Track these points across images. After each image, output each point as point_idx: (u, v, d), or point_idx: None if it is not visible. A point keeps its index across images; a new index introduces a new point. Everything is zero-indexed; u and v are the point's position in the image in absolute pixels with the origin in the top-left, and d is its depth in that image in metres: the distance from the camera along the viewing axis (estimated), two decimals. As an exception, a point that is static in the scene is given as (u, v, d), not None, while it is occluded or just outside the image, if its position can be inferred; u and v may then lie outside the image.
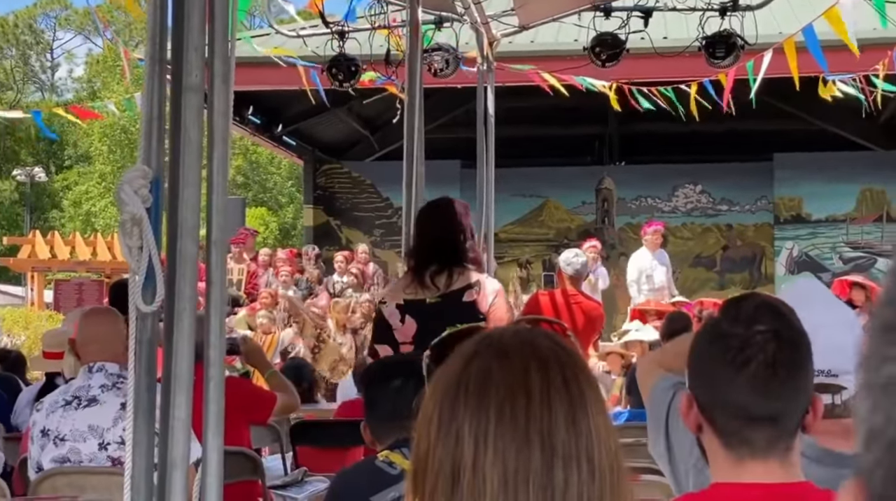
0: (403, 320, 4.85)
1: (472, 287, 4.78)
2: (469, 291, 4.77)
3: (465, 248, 4.86)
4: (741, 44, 7.45)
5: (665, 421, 2.19)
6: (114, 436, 3.99)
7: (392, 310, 4.90)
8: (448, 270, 4.77)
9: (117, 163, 42.01)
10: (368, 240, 17.21)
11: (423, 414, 1.25)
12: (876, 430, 0.48)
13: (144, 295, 2.57)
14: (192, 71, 2.55)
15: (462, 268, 4.79)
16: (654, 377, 2.30)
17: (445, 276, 4.77)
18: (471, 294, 4.77)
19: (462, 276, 4.78)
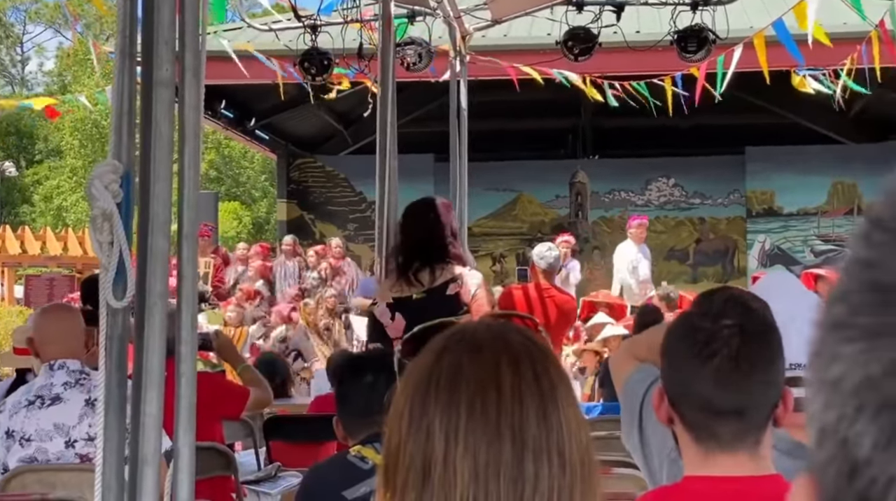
0: (393, 317, 5.13)
1: (454, 280, 5.09)
2: (452, 284, 5.08)
3: (447, 245, 5.15)
4: (713, 38, 7.48)
5: (639, 413, 2.19)
6: (80, 433, 3.96)
7: (383, 310, 5.21)
8: (430, 267, 5.07)
9: (88, 158, 41.71)
10: (342, 234, 17.18)
11: (394, 409, 1.25)
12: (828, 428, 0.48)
13: (115, 290, 2.55)
14: (162, 65, 2.53)
15: (444, 264, 5.09)
16: (627, 368, 2.30)
17: (428, 273, 5.07)
18: (454, 287, 5.08)
19: (444, 271, 5.08)
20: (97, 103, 16.51)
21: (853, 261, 0.49)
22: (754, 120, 17.27)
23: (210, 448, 4.51)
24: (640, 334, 2.55)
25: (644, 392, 2.20)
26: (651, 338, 2.43)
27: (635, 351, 2.38)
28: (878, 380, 0.45)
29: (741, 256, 17.55)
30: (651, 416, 2.15)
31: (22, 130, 48.80)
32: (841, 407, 0.47)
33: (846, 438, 0.46)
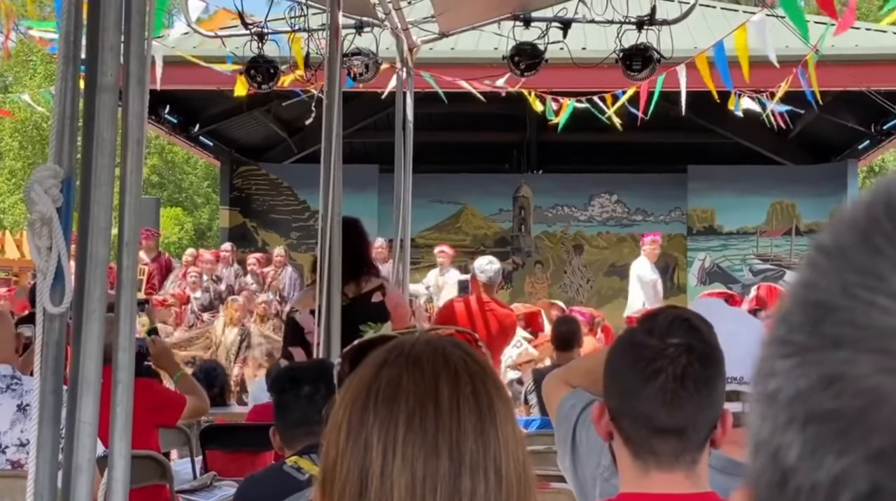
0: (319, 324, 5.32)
1: (378, 289, 5.56)
2: (377, 293, 5.54)
3: (371, 261, 5.76)
4: (657, 57, 7.57)
5: (572, 437, 2.21)
6: (11, 439, 3.90)
7: (305, 317, 5.52)
8: (356, 278, 5.50)
9: (28, 160, 41.08)
10: (285, 242, 17.10)
11: (332, 422, 1.25)
12: (762, 440, 0.50)
13: (53, 296, 2.52)
14: (107, 71, 2.51)
15: (368, 277, 5.58)
16: (560, 394, 2.32)
17: (353, 285, 5.49)
18: (378, 295, 5.53)
19: (368, 282, 5.56)
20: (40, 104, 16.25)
21: (796, 283, 0.52)
22: (697, 139, 17.49)
23: (145, 457, 4.47)
24: (575, 361, 2.58)
25: (577, 416, 2.22)
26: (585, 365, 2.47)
27: (569, 378, 2.40)
28: (806, 394, 0.48)
29: (681, 273, 17.73)
30: (584, 440, 2.17)
31: (-39, 128, 48.02)
32: (774, 419, 0.49)
33: (777, 448, 0.49)
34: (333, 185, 5.24)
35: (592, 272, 18.20)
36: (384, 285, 5.65)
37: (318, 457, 2.96)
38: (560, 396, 2.30)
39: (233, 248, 14.87)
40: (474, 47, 12.15)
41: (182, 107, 15.32)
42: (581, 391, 2.30)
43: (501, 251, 17.14)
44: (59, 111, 2.59)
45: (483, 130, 17.45)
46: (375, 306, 5.48)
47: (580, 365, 2.51)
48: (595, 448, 2.12)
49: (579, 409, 2.23)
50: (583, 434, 2.19)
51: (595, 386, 2.32)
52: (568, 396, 2.29)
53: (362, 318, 5.36)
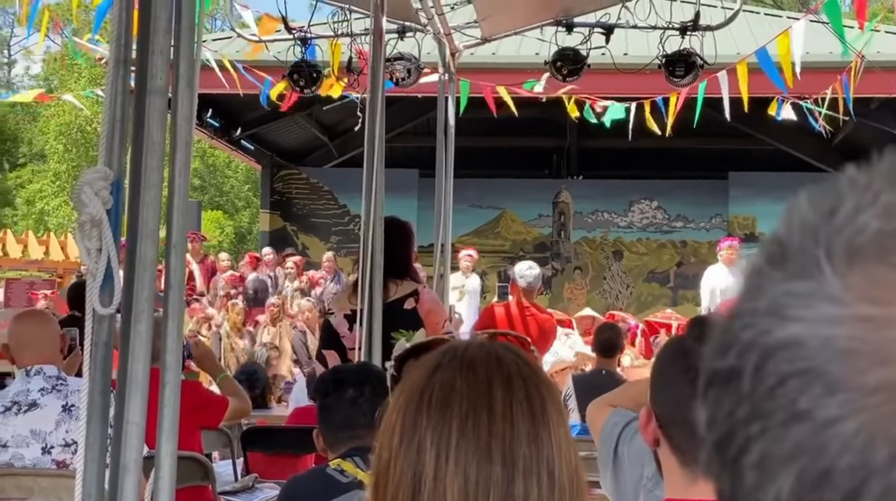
0: (351, 328, 5.42)
1: (411, 296, 5.44)
2: (408, 300, 5.43)
3: (408, 265, 5.59)
4: (700, 63, 7.53)
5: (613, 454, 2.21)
6: (57, 439, 3.94)
7: (340, 320, 5.53)
8: (389, 282, 5.40)
9: (72, 163, 41.52)
10: (325, 246, 17.17)
11: (385, 425, 1.25)
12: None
13: (102, 297, 2.55)
14: (157, 74, 2.54)
15: (402, 280, 5.46)
16: (604, 415, 2.32)
17: (385, 287, 5.39)
18: (410, 302, 5.42)
19: (400, 287, 5.45)
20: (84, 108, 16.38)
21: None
22: (739, 145, 17.38)
23: (189, 458, 4.50)
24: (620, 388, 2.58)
25: (619, 433, 2.21)
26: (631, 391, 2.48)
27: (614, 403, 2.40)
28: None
29: (722, 281, 17.59)
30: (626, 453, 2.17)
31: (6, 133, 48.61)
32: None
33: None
34: (376, 190, 5.25)
35: (632, 278, 18.13)
36: (418, 291, 5.52)
37: (362, 460, 2.98)
38: (604, 418, 2.30)
39: (273, 253, 14.95)
40: (515, 52, 12.15)
41: (224, 111, 15.43)
42: (622, 409, 2.30)
43: (540, 256, 17.13)
44: (110, 114, 2.62)
45: (523, 135, 17.44)
46: (407, 313, 5.41)
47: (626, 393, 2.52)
48: (637, 461, 2.11)
49: (621, 426, 2.23)
50: (624, 449, 2.19)
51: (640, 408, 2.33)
52: (611, 416, 2.29)
53: (393, 325, 5.30)
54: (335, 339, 5.53)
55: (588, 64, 7.62)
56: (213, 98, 13.25)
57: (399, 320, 5.34)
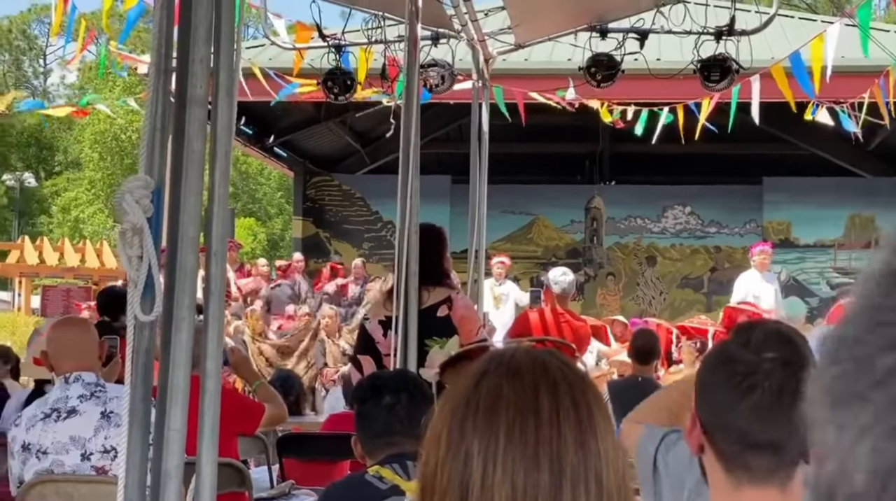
0: (385, 334, 5.45)
1: (444, 302, 5.45)
2: (442, 307, 5.44)
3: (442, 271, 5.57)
4: (736, 68, 7.49)
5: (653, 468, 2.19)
6: (96, 446, 3.97)
7: (375, 326, 5.57)
8: (422, 288, 5.39)
9: (107, 171, 41.89)
10: (357, 253, 17.21)
11: (431, 432, 1.25)
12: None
13: (143, 304, 2.57)
14: (197, 83, 2.56)
15: (435, 287, 5.46)
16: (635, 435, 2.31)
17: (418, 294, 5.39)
18: (443, 309, 5.44)
19: (433, 294, 5.46)
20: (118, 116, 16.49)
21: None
22: (773, 150, 17.27)
23: (226, 464, 4.52)
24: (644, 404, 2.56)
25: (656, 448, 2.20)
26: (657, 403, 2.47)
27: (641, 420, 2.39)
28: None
29: (756, 286, 17.48)
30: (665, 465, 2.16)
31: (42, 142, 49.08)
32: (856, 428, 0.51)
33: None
34: (411, 196, 5.26)
35: (665, 284, 18.05)
36: (451, 297, 5.51)
37: (400, 467, 2.99)
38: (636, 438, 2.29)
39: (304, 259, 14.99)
40: (548, 58, 12.14)
41: (257, 119, 15.51)
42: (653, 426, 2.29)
43: (573, 262, 17.07)
44: (150, 122, 2.65)
45: (555, 141, 17.41)
46: (440, 320, 5.40)
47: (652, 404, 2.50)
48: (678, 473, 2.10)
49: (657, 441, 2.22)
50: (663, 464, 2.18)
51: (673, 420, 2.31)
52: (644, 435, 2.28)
53: (427, 333, 5.27)
54: (370, 345, 5.55)
55: (622, 69, 7.61)
56: (246, 105, 13.33)
57: (432, 327, 5.31)
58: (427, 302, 5.42)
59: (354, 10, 7.76)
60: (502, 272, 13.71)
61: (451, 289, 5.59)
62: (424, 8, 5.71)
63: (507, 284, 13.88)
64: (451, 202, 16.27)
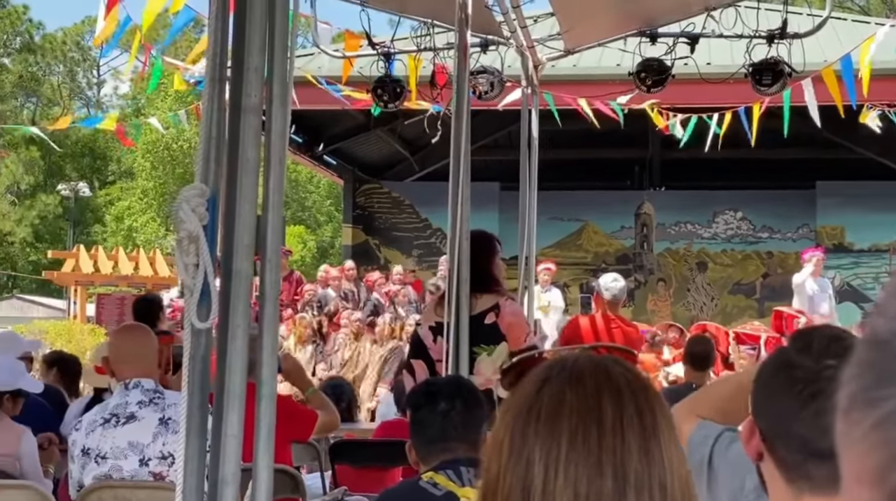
0: (436, 340, 5.50)
1: (492, 310, 5.46)
2: (489, 314, 5.45)
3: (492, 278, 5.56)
4: (788, 71, 7.42)
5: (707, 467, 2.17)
6: (154, 452, 4.00)
7: (426, 332, 5.63)
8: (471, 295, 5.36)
9: (159, 180, 42.38)
10: (407, 260, 17.25)
11: (493, 439, 1.25)
12: None
13: (199, 312, 2.59)
14: (251, 92, 2.58)
15: (484, 294, 5.46)
16: (689, 424, 2.28)
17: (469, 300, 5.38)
18: (491, 316, 5.45)
19: (481, 300, 5.45)
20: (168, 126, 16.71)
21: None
22: (826, 154, 17.07)
23: (280, 471, 4.54)
24: (699, 391, 2.52)
25: (710, 447, 2.17)
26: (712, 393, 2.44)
27: (696, 408, 2.36)
28: None
29: (810, 292, 17.29)
30: (720, 467, 2.13)
31: (96, 151, 49.75)
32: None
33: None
34: (461, 203, 5.26)
35: (717, 290, 17.91)
36: (499, 304, 5.50)
37: (454, 473, 2.98)
38: (689, 428, 2.26)
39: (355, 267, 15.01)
40: (597, 63, 12.10)
41: (307, 127, 15.60)
42: (709, 422, 2.26)
43: (623, 268, 17.00)
44: (206, 131, 2.67)
45: (604, 147, 17.34)
46: (488, 328, 5.41)
47: (708, 395, 2.47)
48: (736, 472, 2.08)
49: (712, 440, 2.19)
50: (720, 462, 2.16)
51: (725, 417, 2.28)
52: (697, 428, 2.25)
53: (475, 340, 5.30)
54: (423, 350, 5.59)
55: (673, 74, 7.57)
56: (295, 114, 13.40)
57: (480, 334, 5.34)
58: (475, 310, 5.42)
59: (403, 18, 7.80)
60: (548, 279, 13.68)
61: (499, 296, 5.57)
62: (474, 15, 5.71)
63: (553, 291, 13.85)
64: (500, 209, 16.27)
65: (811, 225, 17.32)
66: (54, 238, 46.57)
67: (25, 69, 50.33)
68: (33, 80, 51.05)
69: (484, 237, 5.71)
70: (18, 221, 46.62)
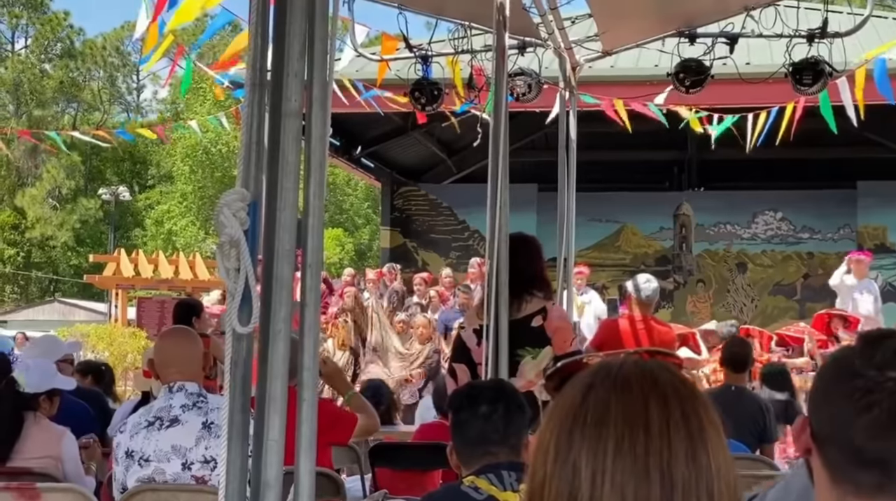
0: (479, 343, 5.42)
1: (539, 313, 5.40)
2: (537, 317, 5.39)
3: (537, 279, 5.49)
4: (829, 70, 7.34)
5: None
6: (197, 455, 4.02)
7: (469, 334, 5.57)
8: (518, 298, 5.37)
9: (198, 184, 42.68)
10: (445, 262, 17.26)
11: (539, 444, 1.24)
12: None
13: (241, 316, 2.60)
14: (291, 96, 2.58)
15: (530, 296, 5.41)
16: None
17: (515, 304, 5.37)
18: (538, 319, 5.39)
19: (530, 304, 5.41)
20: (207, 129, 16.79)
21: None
22: (867, 154, 16.90)
23: (321, 474, 4.55)
24: None
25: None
26: None
27: None
28: None
29: (852, 292, 17.12)
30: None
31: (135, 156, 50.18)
32: None
33: None
34: (500, 206, 5.25)
35: (757, 291, 17.79)
36: (546, 308, 5.47)
37: (496, 477, 2.97)
38: None
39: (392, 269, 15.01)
40: (634, 64, 12.05)
41: (344, 130, 15.65)
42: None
43: (662, 270, 16.93)
44: (247, 136, 2.68)
45: (643, 148, 17.27)
46: (535, 331, 5.38)
47: None
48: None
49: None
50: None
51: None
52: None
53: (520, 343, 5.29)
54: (465, 353, 5.54)
55: (712, 75, 7.51)
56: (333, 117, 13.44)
57: (527, 337, 5.31)
58: (523, 312, 5.39)
59: (440, 20, 7.79)
60: (582, 283, 13.65)
61: (546, 300, 5.54)
62: (511, 17, 5.70)
63: (590, 292, 13.83)
64: (538, 210, 16.23)
65: (852, 225, 17.15)
66: (95, 242, 47.02)
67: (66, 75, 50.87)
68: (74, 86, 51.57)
69: (528, 239, 5.68)
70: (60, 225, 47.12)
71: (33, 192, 46.90)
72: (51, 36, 51.38)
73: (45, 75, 50.35)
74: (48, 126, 38.94)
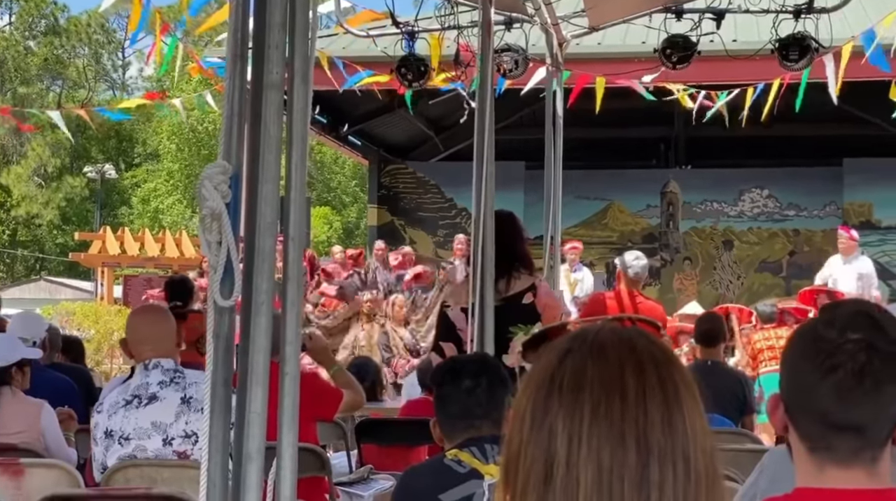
0: (468, 321, 5.36)
1: (529, 290, 5.47)
2: (527, 294, 5.47)
3: (524, 256, 5.57)
4: (815, 46, 7.34)
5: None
6: (177, 431, 4.02)
7: (457, 314, 5.58)
8: (507, 276, 5.42)
9: (185, 162, 42.52)
10: (432, 240, 17.25)
11: (515, 411, 1.24)
12: None
13: (222, 289, 2.59)
14: (272, 69, 2.57)
15: (518, 273, 5.48)
16: None
17: (504, 281, 5.42)
18: (529, 296, 5.47)
19: (518, 281, 5.48)
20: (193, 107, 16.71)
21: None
22: (853, 131, 16.92)
23: (305, 449, 4.55)
24: None
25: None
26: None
27: None
28: None
29: (837, 269, 17.17)
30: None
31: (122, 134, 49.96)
32: None
33: None
34: (486, 183, 5.24)
35: (743, 268, 17.83)
36: (535, 285, 5.54)
37: (479, 450, 2.98)
38: None
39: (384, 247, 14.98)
40: (622, 41, 12.02)
41: (331, 108, 15.58)
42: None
43: (649, 247, 16.94)
44: (228, 109, 2.66)
45: (630, 125, 17.25)
46: (526, 308, 5.43)
47: None
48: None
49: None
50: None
51: None
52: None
53: (512, 320, 5.33)
54: (452, 332, 5.57)
55: (699, 51, 7.50)
56: (320, 94, 13.39)
57: (518, 314, 5.36)
58: (513, 290, 5.44)
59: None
60: (575, 258, 13.66)
61: (533, 276, 5.60)
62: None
63: (583, 270, 13.84)
64: (525, 188, 16.23)
65: (838, 202, 17.20)
66: (81, 220, 46.85)
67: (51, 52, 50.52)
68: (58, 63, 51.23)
69: (511, 217, 5.70)
70: (45, 203, 46.92)
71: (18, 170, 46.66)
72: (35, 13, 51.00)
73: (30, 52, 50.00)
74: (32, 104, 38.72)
